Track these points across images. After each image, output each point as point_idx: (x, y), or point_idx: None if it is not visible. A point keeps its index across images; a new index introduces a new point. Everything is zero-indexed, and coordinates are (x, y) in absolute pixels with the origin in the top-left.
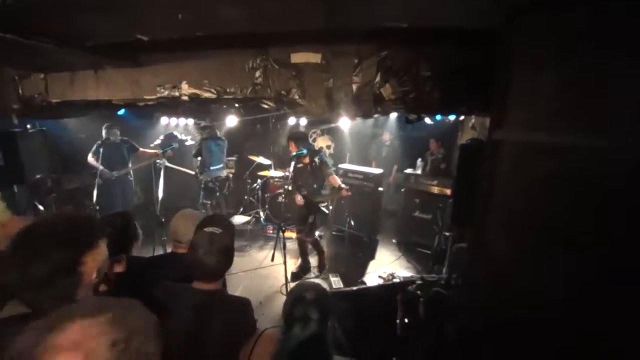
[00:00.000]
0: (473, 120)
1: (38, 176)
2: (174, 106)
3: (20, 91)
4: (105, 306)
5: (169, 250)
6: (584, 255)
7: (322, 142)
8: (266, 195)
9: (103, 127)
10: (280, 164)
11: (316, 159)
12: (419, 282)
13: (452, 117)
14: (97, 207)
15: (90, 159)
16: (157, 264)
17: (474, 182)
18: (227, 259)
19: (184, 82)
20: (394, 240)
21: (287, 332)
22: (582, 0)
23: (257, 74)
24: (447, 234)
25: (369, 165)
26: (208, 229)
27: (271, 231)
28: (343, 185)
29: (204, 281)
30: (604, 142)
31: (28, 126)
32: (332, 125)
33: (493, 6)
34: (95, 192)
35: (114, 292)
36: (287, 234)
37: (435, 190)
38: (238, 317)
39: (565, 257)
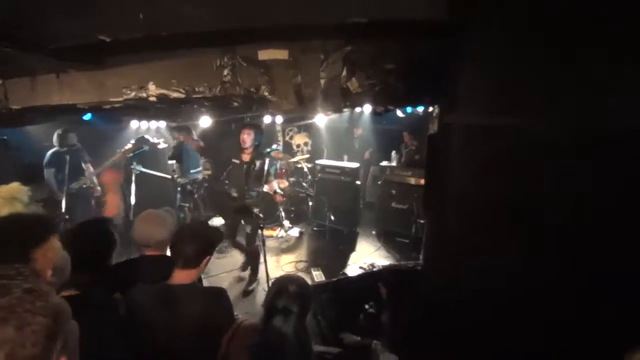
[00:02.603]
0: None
1: None
2: (142, 108)
3: None
4: None
5: None
6: (527, 224)
7: (299, 140)
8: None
9: (56, 134)
10: None
11: (257, 162)
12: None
13: (421, 109)
14: (67, 217)
15: (47, 173)
16: (130, 267)
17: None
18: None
19: (151, 82)
20: (373, 232)
21: (268, 323)
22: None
23: (226, 72)
24: (422, 221)
25: (342, 159)
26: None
27: None
28: (278, 190)
29: (183, 268)
30: (537, 122)
31: None
32: (309, 121)
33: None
34: (64, 202)
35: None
36: (266, 232)
37: (411, 180)
38: (213, 307)
39: (511, 228)
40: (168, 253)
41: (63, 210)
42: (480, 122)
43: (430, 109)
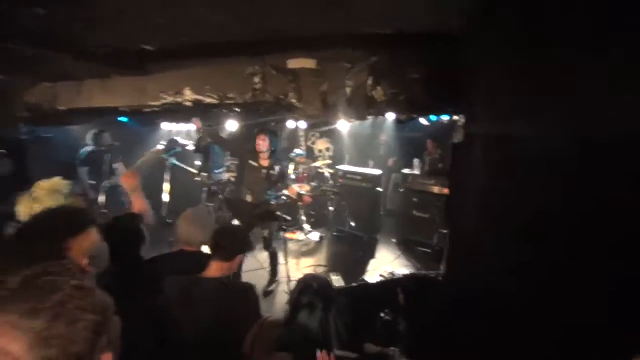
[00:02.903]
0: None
1: None
2: (176, 111)
3: (29, 100)
4: (17, 295)
5: None
6: (545, 235)
7: (321, 145)
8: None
9: (91, 133)
10: None
11: (277, 168)
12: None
13: (446, 117)
14: (106, 211)
15: (81, 171)
16: (168, 260)
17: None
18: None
19: (187, 88)
20: (393, 240)
21: (293, 318)
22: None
23: (256, 79)
24: (444, 231)
25: (368, 166)
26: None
27: None
28: (303, 192)
29: (218, 260)
30: (555, 131)
31: (36, 134)
32: (331, 127)
33: (454, 12)
34: (104, 197)
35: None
36: (289, 235)
37: (434, 189)
38: (241, 301)
39: (536, 239)
40: (203, 249)
41: (102, 203)
42: (503, 131)
43: (455, 117)
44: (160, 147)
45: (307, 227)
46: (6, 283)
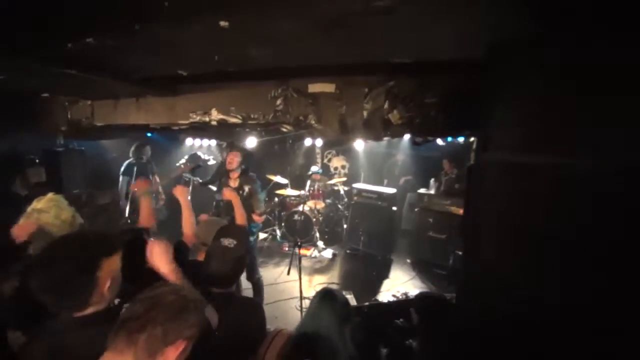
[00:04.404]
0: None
1: (75, 191)
2: (202, 129)
3: (69, 115)
4: None
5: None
6: (565, 259)
7: (337, 162)
8: (282, 214)
9: (133, 147)
10: (296, 183)
11: (246, 188)
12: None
13: (461, 139)
14: (129, 221)
15: (121, 180)
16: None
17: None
18: (239, 267)
19: (214, 109)
20: (408, 260)
21: (309, 325)
22: (556, 42)
23: (279, 102)
24: (460, 253)
25: (382, 183)
26: (223, 242)
27: (287, 248)
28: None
29: (218, 287)
30: (573, 161)
31: (70, 146)
32: (347, 146)
33: (478, 39)
34: (127, 208)
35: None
36: (303, 251)
37: (450, 210)
38: (248, 317)
39: (548, 262)
40: None
41: (126, 214)
42: (515, 157)
43: (472, 138)
44: (183, 161)
45: (320, 243)
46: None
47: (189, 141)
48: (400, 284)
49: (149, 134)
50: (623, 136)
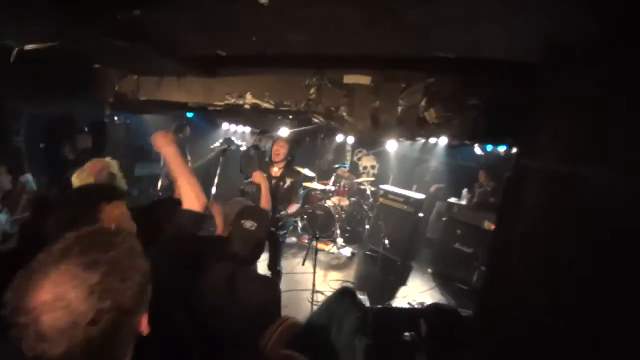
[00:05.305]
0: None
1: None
2: (236, 113)
3: (116, 88)
4: (76, 248)
5: None
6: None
7: (366, 162)
8: (306, 206)
9: (174, 125)
10: (323, 178)
11: (288, 180)
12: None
13: (502, 149)
14: (160, 194)
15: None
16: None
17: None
18: (258, 250)
19: (249, 92)
20: (429, 270)
21: (320, 321)
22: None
23: (312, 90)
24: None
25: (411, 188)
26: (245, 225)
27: (306, 241)
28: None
29: (238, 265)
30: (619, 175)
31: (115, 118)
32: (379, 147)
33: (532, 44)
34: (160, 181)
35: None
36: (321, 245)
37: (481, 224)
38: (264, 291)
39: (580, 282)
40: None
41: (158, 188)
42: (558, 169)
43: (514, 150)
44: (217, 144)
45: (340, 240)
46: (66, 237)
47: (224, 126)
48: (417, 293)
49: (188, 115)
50: None
